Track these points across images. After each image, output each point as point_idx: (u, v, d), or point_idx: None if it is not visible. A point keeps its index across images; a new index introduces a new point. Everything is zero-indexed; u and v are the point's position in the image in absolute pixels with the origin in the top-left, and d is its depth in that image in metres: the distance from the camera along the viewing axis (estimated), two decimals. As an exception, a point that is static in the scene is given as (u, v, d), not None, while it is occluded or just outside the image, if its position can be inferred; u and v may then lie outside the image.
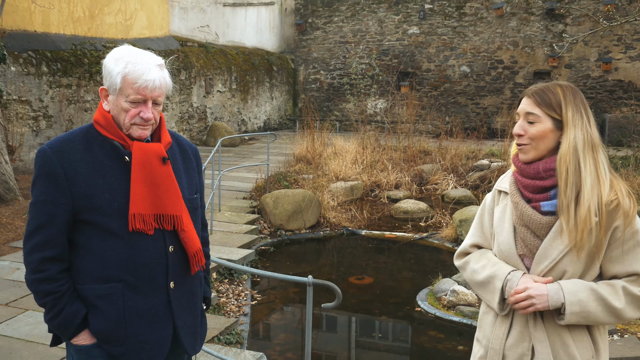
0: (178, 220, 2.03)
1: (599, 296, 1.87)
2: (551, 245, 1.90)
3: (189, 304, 2.12)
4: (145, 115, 1.97)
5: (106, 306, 1.95)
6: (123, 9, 12.97)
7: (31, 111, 10.20)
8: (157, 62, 1.99)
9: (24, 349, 4.11)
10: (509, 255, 1.99)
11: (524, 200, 1.96)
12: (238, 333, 5.12)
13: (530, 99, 1.95)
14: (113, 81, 1.96)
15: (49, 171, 1.92)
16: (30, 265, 1.95)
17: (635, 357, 4.48)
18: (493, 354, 2.02)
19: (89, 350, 1.99)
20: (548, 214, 1.91)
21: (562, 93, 1.93)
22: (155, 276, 2.00)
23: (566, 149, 1.88)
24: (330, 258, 8.31)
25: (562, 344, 1.92)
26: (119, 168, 1.98)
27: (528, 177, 1.95)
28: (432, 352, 5.35)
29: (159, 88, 1.98)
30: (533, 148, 1.94)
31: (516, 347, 1.97)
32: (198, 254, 2.09)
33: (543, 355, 1.92)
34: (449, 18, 17.78)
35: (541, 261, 1.92)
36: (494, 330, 2.04)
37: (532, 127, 1.93)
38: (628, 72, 16.04)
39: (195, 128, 15.26)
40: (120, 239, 1.94)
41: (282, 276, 3.17)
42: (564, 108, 1.91)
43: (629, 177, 10.00)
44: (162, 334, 2.03)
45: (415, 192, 11.44)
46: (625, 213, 1.86)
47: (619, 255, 1.89)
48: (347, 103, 18.27)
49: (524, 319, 1.97)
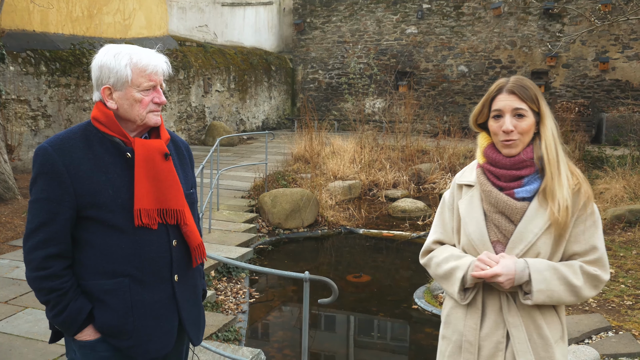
0: (181, 214, 2.07)
1: (561, 274, 1.95)
2: (526, 229, 1.97)
3: (192, 295, 2.17)
4: (160, 99, 2.03)
5: (113, 301, 1.98)
6: (122, 9, 13.01)
7: (30, 111, 10.23)
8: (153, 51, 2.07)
9: (23, 346, 4.15)
10: (480, 243, 2.04)
11: (496, 188, 2.03)
12: (236, 330, 5.15)
13: (513, 95, 2.01)
14: (121, 75, 1.98)
15: (51, 169, 1.92)
16: (32, 262, 1.95)
17: (629, 353, 4.52)
18: (468, 347, 2.05)
19: (94, 345, 2.01)
20: (522, 200, 1.99)
21: (533, 87, 2.04)
22: (160, 270, 2.04)
23: (550, 138, 1.99)
24: (328, 256, 8.35)
25: (535, 326, 1.98)
26: (120, 164, 2.00)
27: (504, 167, 2.02)
28: (428, 348, 5.39)
29: (166, 72, 2.06)
30: (521, 142, 2.01)
31: (491, 336, 2.02)
32: (200, 247, 2.14)
33: (519, 339, 1.97)
34: (447, 18, 17.83)
35: (516, 245, 1.98)
36: (465, 323, 2.07)
37: (522, 122, 2.00)
38: (625, 71, 16.10)
39: (194, 128, 15.30)
40: (126, 234, 1.97)
41: (279, 272, 3.21)
42: (540, 101, 2.01)
43: (625, 176, 10.05)
44: (169, 326, 2.07)
45: (413, 191, 11.48)
46: (585, 194, 1.98)
47: (579, 234, 1.99)
48: (345, 103, 18.31)
49: (496, 307, 2.03)
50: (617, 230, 7.89)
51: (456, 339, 2.10)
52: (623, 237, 7.62)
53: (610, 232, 7.90)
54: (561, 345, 2.04)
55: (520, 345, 1.98)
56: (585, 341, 4.80)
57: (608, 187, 9.67)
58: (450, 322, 2.15)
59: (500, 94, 2.04)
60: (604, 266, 2.00)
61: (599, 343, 4.71)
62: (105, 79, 2.00)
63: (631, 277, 6.22)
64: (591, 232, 2.00)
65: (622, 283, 6.08)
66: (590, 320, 5.08)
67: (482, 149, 2.11)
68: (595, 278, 1.98)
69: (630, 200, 9.05)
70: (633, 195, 9.28)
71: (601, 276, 1.98)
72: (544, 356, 1.99)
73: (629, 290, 5.91)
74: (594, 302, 5.60)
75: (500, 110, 2.02)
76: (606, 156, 11.75)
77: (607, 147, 12.71)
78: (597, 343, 4.71)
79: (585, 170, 11.51)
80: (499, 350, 2.01)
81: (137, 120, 2.02)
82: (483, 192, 2.06)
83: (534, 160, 1.99)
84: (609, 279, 6.13)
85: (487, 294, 2.05)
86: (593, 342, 4.75)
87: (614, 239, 7.55)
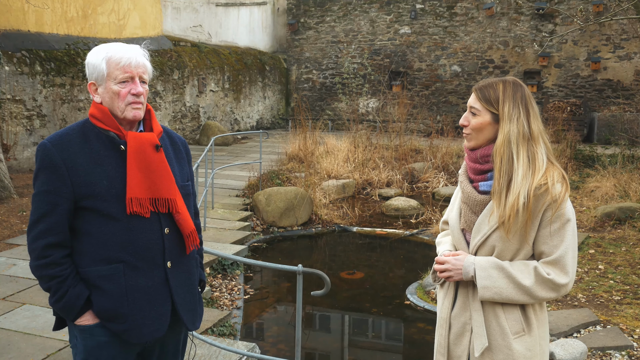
0: (172, 203, 2.16)
1: (508, 274, 2.06)
2: (483, 221, 2.12)
3: (186, 282, 2.26)
4: (136, 90, 2.11)
5: (109, 286, 2.09)
6: (116, 9, 13.05)
7: (25, 110, 10.27)
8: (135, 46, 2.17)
9: (22, 341, 4.21)
10: (454, 230, 2.25)
11: (467, 180, 2.20)
12: (231, 325, 5.23)
13: (474, 93, 2.16)
14: (99, 69, 2.11)
15: (50, 163, 2.05)
16: (35, 252, 2.08)
17: (616, 346, 4.62)
18: (442, 323, 2.25)
19: (92, 329, 2.12)
20: (484, 193, 2.13)
21: (503, 89, 2.10)
22: (153, 256, 2.14)
23: (500, 142, 2.07)
24: (322, 254, 8.43)
25: (494, 315, 2.11)
26: (115, 157, 2.11)
27: (472, 161, 2.18)
28: (420, 342, 5.47)
29: (142, 65, 2.14)
30: (474, 137, 2.16)
31: (459, 317, 2.20)
32: (192, 235, 2.24)
33: (477, 322, 2.13)
34: (440, 18, 17.94)
35: (475, 235, 2.15)
36: (443, 302, 2.27)
37: (473, 119, 2.15)
38: (616, 71, 16.24)
39: (188, 127, 15.35)
40: (120, 223, 2.08)
41: (273, 265, 3.29)
42: (501, 104, 2.08)
43: (616, 175, 10.17)
44: (162, 310, 2.17)
45: (406, 190, 11.57)
46: (552, 198, 2.02)
47: (546, 236, 2.06)
48: (339, 102, 18.40)
49: (465, 291, 2.19)
50: (607, 228, 8.00)
51: (439, 316, 2.30)
52: (613, 235, 7.73)
53: (600, 229, 8.01)
54: (525, 339, 2.10)
55: (477, 328, 2.13)
56: (573, 335, 4.90)
57: (599, 186, 9.79)
58: (438, 302, 2.35)
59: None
60: (562, 269, 2.03)
61: (587, 337, 4.81)
62: (90, 75, 2.15)
63: (620, 273, 6.33)
64: (557, 235, 2.04)
65: (611, 279, 6.19)
66: (579, 315, 5.18)
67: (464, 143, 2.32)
68: (549, 281, 2.03)
69: (620, 198, 9.17)
70: (623, 193, 9.40)
71: (555, 280, 2.03)
72: (502, 344, 2.10)
73: (617, 285, 6.01)
74: (583, 297, 5.71)
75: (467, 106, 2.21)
76: (597, 155, 11.87)
77: (599, 146, 12.83)
78: (586, 337, 4.81)
79: (577, 169, 11.64)
80: (465, 331, 2.18)
81: (119, 114, 2.13)
82: (459, 182, 2.25)
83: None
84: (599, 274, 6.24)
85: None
86: (581, 336, 4.85)
87: (604, 236, 7.66)
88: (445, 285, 2.28)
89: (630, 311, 5.32)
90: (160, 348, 2.28)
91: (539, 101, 16.87)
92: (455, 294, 2.23)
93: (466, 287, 2.19)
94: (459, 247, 2.24)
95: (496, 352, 2.10)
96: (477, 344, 2.12)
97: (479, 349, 2.11)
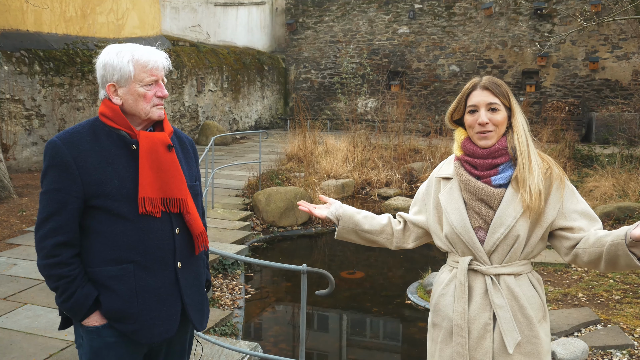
0: (183, 203, 2.16)
1: None
2: (505, 213, 2.11)
3: (195, 282, 2.26)
4: (162, 92, 2.14)
5: (119, 286, 2.07)
6: (115, 9, 13.04)
7: (24, 110, 10.25)
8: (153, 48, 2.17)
9: (23, 341, 4.21)
10: (463, 230, 2.17)
11: (474, 178, 2.18)
12: (233, 325, 5.23)
13: (487, 91, 2.18)
14: (124, 71, 2.09)
15: (60, 161, 2.02)
16: (43, 250, 2.04)
17: (617, 345, 4.63)
18: (459, 330, 2.16)
19: (100, 330, 2.10)
20: (498, 187, 2.15)
21: (504, 85, 2.21)
22: (163, 256, 2.13)
23: (521, 131, 2.17)
24: (322, 254, 8.43)
25: (519, 307, 2.11)
26: (126, 156, 2.10)
27: (481, 157, 2.17)
28: (421, 342, 5.47)
29: (166, 68, 2.18)
30: (496, 133, 2.17)
31: (479, 319, 2.14)
32: (202, 235, 2.23)
33: (505, 319, 2.10)
34: (439, 18, 17.95)
35: (497, 229, 2.12)
36: (454, 308, 2.19)
37: (496, 115, 2.16)
38: (615, 71, 16.27)
39: (187, 127, 15.34)
40: (130, 222, 2.06)
41: (278, 264, 3.29)
42: (510, 97, 2.19)
43: (614, 174, 10.18)
44: (172, 310, 2.16)
45: (405, 190, 11.57)
46: (557, 176, 2.15)
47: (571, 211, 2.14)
48: (338, 102, 18.39)
49: (482, 290, 2.15)
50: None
51: (447, 325, 2.22)
52: (612, 234, 7.74)
53: (599, 228, 8.01)
54: (544, 325, 2.18)
55: (507, 324, 2.10)
56: (574, 334, 4.91)
57: (597, 185, 9.81)
58: (439, 310, 2.26)
59: (475, 91, 2.20)
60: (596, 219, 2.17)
61: (588, 336, 4.82)
62: (109, 76, 2.10)
63: (619, 272, 6.35)
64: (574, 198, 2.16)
65: (611, 278, 6.21)
66: (580, 314, 5.20)
67: (459, 142, 2.26)
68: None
69: (619, 198, 9.19)
70: (622, 192, 9.42)
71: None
72: (529, 334, 2.12)
73: (617, 285, 6.03)
74: (583, 297, 5.72)
75: (476, 105, 2.18)
76: (596, 155, 11.89)
77: (597, 145, 12.85)
78: (586, 336, 4.82)
79: (576, 169, 11.65)
80: (487, 332, 2.12)
81: (142, 115, 2.12)
82: (462, 182, 2.20)
83: (508, 149, 2.16)
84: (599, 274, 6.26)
85: (472, 279, 2.17)
86: (582, 335, 4.86)
87: (603, 236, 7.66)
88: (452, 288, 2.21)
89: (630, 310, 5.34)
90: (167, 348, 2.27)
91: (537, 101, 16.90)
92: (469, 295, 2.17)
93: (482, 285, 2.14)
94: (468, 247, 2.16)
95: (524, 344, 2.11)
96: (509, 339, 2.09)
97: (512, 344, 2.08)
